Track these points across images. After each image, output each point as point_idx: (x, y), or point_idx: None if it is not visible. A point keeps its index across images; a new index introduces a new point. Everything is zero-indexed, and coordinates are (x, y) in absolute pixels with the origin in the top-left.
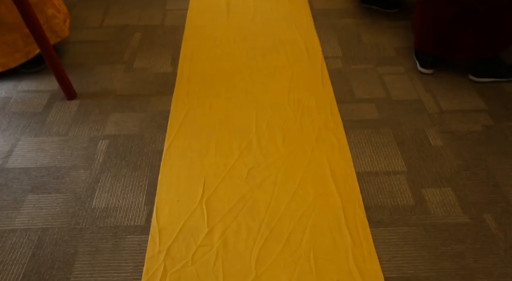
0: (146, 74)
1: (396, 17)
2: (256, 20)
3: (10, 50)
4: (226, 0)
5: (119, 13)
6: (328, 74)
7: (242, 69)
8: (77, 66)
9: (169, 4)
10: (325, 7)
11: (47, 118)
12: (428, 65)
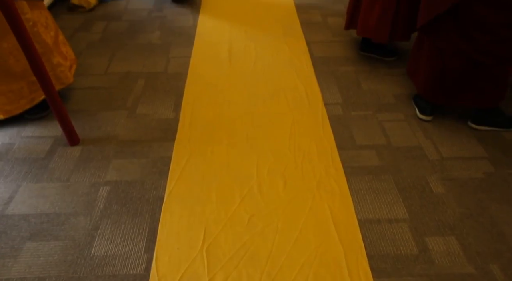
0: (149, 120)
1: (394, 65)
2: (257, 67)
3: (16, 98)
4: (228, 48)
5: (123, 60)
6: (329, 120)
7: (243, 115)
8: (80, 112)
9: (172, 52)
10: (325, 55)
11: (49, 164)
12: (428, 112)
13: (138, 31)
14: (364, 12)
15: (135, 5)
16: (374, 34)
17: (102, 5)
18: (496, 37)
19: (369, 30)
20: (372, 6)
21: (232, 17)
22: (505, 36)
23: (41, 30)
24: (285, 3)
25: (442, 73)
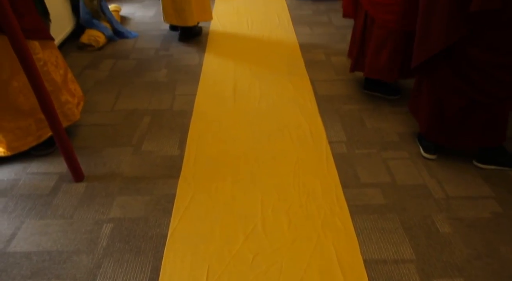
0: (154, 157)
1: (398, 103)
2: (261, 105)
3: (23, 134)
4: (233, 86)
5: (130, 97)
6: (333, 158)
7: (247, 152)
8: (86, 149)
9: (178, 89)
10: (329, 93)
11: (53, 201)
12: (432, 150)
13: (145, 69)
14: (372, 55)
15: (142, 44)
16: (384, 74)
17: (111, 43)
18: (491, 78)
19: (379, 71)
20: (380, 47)
21: (237, 56)
22: (500, 77)
23: (51, 69)
24: (289, 42)
25: (441, 112)
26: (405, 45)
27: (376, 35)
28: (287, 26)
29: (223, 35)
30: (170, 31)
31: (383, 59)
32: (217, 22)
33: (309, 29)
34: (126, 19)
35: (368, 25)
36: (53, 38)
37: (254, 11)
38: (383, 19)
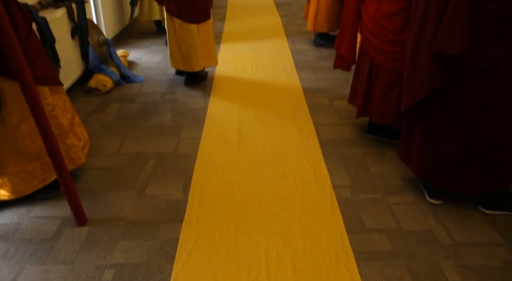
0: (158, 201)
1: None
2: (266, 149)
3: (29, 178)
4: (237, 129)
5: (135, 141)
6: (337, 203)
7: (252, 197)
8: (90, 192)
9: (183, 133)
10: (332, 137)
11: (55, 245)
12: (437, 195)
13: (150, 113)
14: (379, 101)
15: (149, 88)
16: (391, 120)
17: (118, 87)
18: (484, 125)
19: (388, 116)
20: (388, 93)
21: (241, 100)
22: (493, 124)
23: (59, 113)
24: (293, 87)
25: (437, 160)
26: None
27: (383, 81)
28: (291, 71)
29: (228, 80)
30: (176, 76)
31: (391, 105)
32: (222, 67)
33: (313, 74)
34: (133, 64)
35: (373, 71)
36: (62, 83)
37: (258, 56)
38: (390, 66)
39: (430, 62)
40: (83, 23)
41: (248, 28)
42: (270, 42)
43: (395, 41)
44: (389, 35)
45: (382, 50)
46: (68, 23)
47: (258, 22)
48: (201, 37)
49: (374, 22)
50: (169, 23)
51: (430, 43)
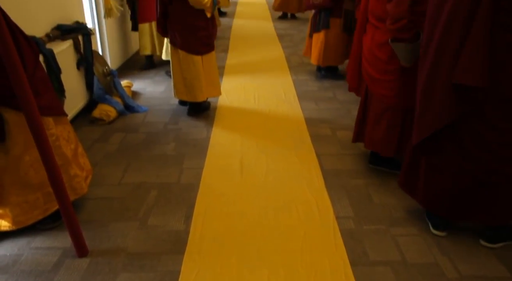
0: (159, 232)
1: None
2: (268, 179)
3: (30, 208)
4: (240, 160)
5: (138, 171)
6: (341, 235)
7: (254, 227)
8: (92, 222)
9: (185, 163)
10: (335, 167)
11: (54, 277)
12: (441, 227)
13: (153, 143)
14: (370, 127)
15: (152, 118)
16: (380, 148)
17: (121, 117)
18: (498, 156)
19: (376, 144)
20: (378, 121)
21: (244, 130)
22: (507, 155)
23: (63, 144)
24: (295, 117)
25: (443, 192)
26: (402, 121)
27: (374, 108)
28: (293, 101)
29: (231, 110)
30: (179, 106)
31: (380, 132)
32: (225, 97)
33: (315, 104)
34: (137, 94)
35: (368, 98)
36: (66, 114)
37: (260, 87)
38: (381, 94)
39: (448, 94)
40: (89, 55)
41: (250, 59)
42: (273, 72)
43: (385, 70)
44: (380, 63)
45: (375, 78)
46: (74, 55)
47: (260, 53)
48: (205, 68)
49: (369, 50)
50: (173, 54)
51: (449, 75)
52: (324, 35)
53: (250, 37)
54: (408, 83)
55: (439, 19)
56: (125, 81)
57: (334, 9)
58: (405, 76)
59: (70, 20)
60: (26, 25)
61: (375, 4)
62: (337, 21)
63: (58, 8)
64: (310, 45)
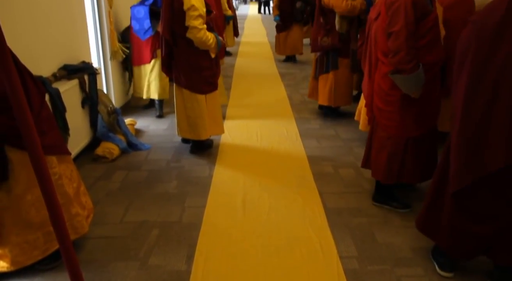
0: (160, 272)
1: (408, 216)
2: (271, 218)
3: (30, 248)
4: (242, 198)
5: (139, 209)
6: (345, 275)
7: (257, 268)
8: (92, 263)
9: (188, 201)
10: (338, 206)
11: None
12: (448, 268)
13: (156, 181)
14: (374, 154)
15: (155, 155)
16: (382, 175)
17: (124, 155)
18: None
19: (378, 171)
20: (381, 149)
21: (246, 168)
22: None
23: (65, 182)
24: (297, 155)
25: (471, 235)
26: (403, 150)
27: (378, 137)
28: (295, 139)
29: (233, 148)
30: (182, 143)
31: (382, 161)
32: (227, 134)
33: (317, 142)
34: (140, 132)
35: (374, 126)
36: (70, 152)
37: (263, 124)
38: (384, 124)
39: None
40: (94, 93)
41: (253, 97)
42: (275, 110)
43: (387, 100)
44: (383, 94)
45: (379, 107)
46: (79, 93)
47: (263, 91)
48: (208, 107)
49: (375, 81)
50: (177, 93)
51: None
52: (333, 75)
53: (253, 76)
54: (408, 115)
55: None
56: (128, 119)
57: (342, 49)
58: (405, 108)
59: (77, 60)
60: (34, 65)
61: (380, 40)
62: (345, 61)
63: (66, 48)
64: (315, 87)
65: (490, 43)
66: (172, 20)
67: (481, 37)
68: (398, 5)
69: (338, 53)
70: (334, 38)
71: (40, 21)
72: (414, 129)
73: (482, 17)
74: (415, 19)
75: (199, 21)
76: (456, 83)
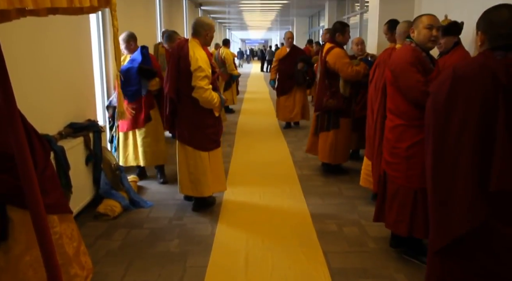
0: None
1: (415, 274)
2: (274, 278)
3: None
4: (245, 257)
5: (140, 270)
6: None
7: None
8: None
9: (189, 261)
10: (343, 266)
11: None
12: None
13: (157, 239)
14: (388, 207)
15: (157, 213)
16: (393, 227)
17: (126, 212)
18: None
19: (391, 224)
20: (392, 201)
21: (249, 226)
22: None
23: (65, 242)
24: (300, 213)
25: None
26: (413, 201)
27: (389, 189)
28: (298, 196)
29: (236, 205)
30: (185, 201)
31: (394, 212)
32: (230, 191)
33: (320, 199)
34: (143, 189)
35: (385, 179)
36: (71, 211)
37: (265, 181)
38: (392, 176)
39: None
40: (98, 151)
41: (256, 154)
42: (277, 167)
43: (393, 152)
44: (389, 146)
45: (386, 160)
46: (83, 151)
47: (265, 148)
48: (211, 164)
49: (383, 135)
50: (180, 150)
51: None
52: (333, 134)
53: (255, 132)
54: (415, 166)
55: (447, 128)
56: (131, 176)
57: (344, 109)
58: (410, 160)
59: (83, 118)
60: (41, 123)
61: (389, 99)
62: (346, 121)
63: (73, 107)
64: (314, 142)
65: (444, 112)
66: (178, 80)
67: (436, 108)
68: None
69: (340, 113)
70: (339, 100)
71: (48, 80)
72: (422, 181)
73: (435, 89)
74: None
75: (205, 81)
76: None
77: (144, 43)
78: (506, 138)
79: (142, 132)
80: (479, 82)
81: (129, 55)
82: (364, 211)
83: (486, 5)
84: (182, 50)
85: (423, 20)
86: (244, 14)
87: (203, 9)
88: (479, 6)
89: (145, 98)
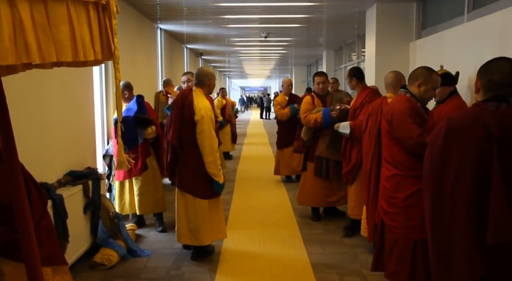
0: None
1: None
2: None
3: None
4: None
5: None
6: None
7: None
8: None
9: None
10: None
11: None
12: None
13: None
14: (387, 257)
15: (154, 262)
16: (393, 277)
17: (123, 262)
18: None
19: (391, 274)
20: (391, 251)
21: (249, 276)
22: None
23: None
24: (301, 262)
25: None
26: (412, 251)
27: (388, 239)
28: (298, 244)
29: (236, 254)
30: (183, 250)
31: (393, 263)
32: (229, 240)
33: (320, 248)
34: (140, 237)
35: (383, 228)
36: (67, 262)
37: (265, 229)
38: (390, 225)
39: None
40: (97, 199)
41: (255, 201)
42: (277, 214)
43: (390, 202)
44: (387, 195)
45: (384, 209)
46: (82, 199)
47: (265, 195)
48: (211, 212)
49: (378, 184)
50: (179, 198)
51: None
52: (303, 175)
53: (255, 180)
54: (413, 216)
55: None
56: (129, 224)
57: (309, 153)
58: (408, 210)
59: (83, 166)
60: (40, 172)
61: (385, 148)
62: (311, 165)
63: (73, 156)
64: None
65: (440, 163)
66: (181, 128)
67: (433, 159)
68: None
69: (307, 157)
70: (299, 143)
71: (49, 128)
72: (421, 231)
73: (431, 140)
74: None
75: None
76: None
77: (146, 90)
78: (502, 189)
79: (139, 180)
80: (472, 133)
81: (125, 104)
82: (366, 260)
83: (480, 55)
84: (186, 99)
85: (434, 80)
86: (243, 63)
87: (204, 58)
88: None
89: (142, 146)
